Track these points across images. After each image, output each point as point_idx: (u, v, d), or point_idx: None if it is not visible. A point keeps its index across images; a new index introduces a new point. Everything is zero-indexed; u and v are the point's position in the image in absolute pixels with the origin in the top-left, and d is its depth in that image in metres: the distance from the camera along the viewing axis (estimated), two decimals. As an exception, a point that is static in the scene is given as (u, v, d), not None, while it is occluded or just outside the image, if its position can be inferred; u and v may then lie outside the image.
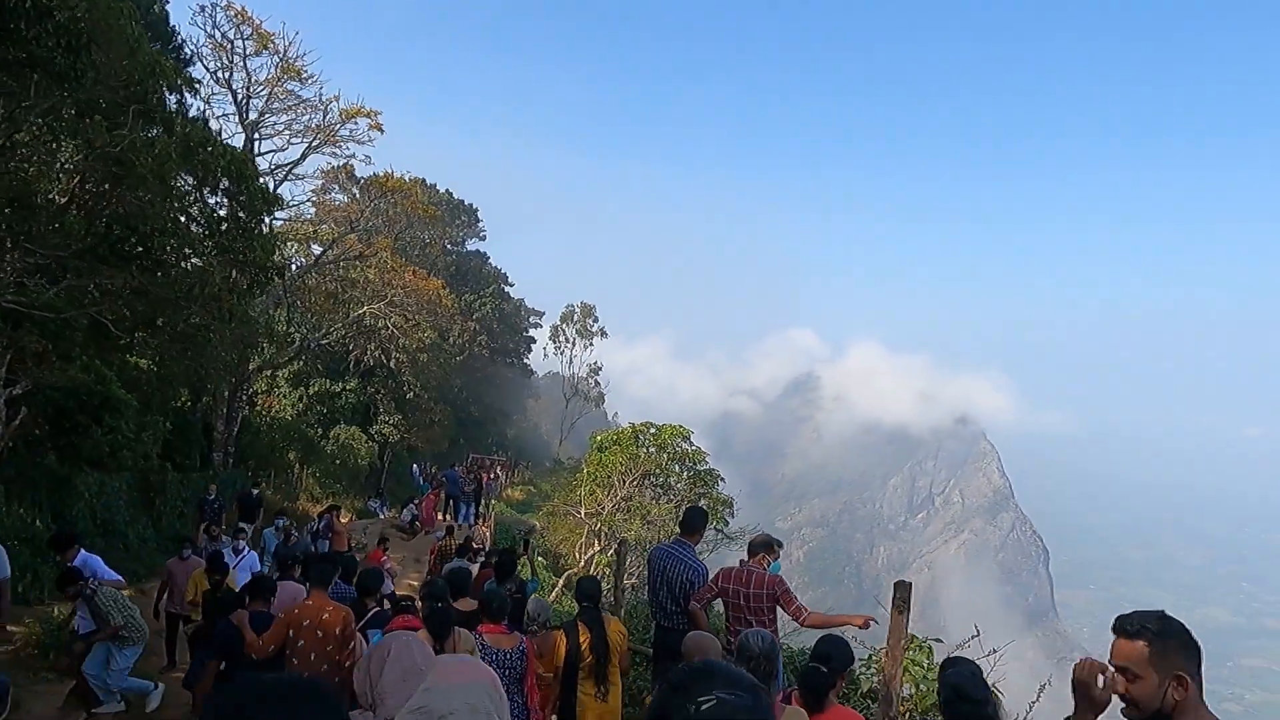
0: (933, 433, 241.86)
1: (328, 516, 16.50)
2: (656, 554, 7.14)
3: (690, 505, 7.98)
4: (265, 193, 12.40)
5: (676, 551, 6.98)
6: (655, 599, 7.06)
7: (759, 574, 6.46)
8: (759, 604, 6.33)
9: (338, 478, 31.87)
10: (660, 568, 6.98)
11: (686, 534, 7.10)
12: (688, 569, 6.81)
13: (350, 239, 27.40)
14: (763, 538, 6.82)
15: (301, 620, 5.88)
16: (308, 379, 35.65)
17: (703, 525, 7.21)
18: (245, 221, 11.90)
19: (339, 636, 5.89)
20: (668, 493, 21.30)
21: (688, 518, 7.21)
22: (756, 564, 6.63)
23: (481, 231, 60.87)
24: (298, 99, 22.62)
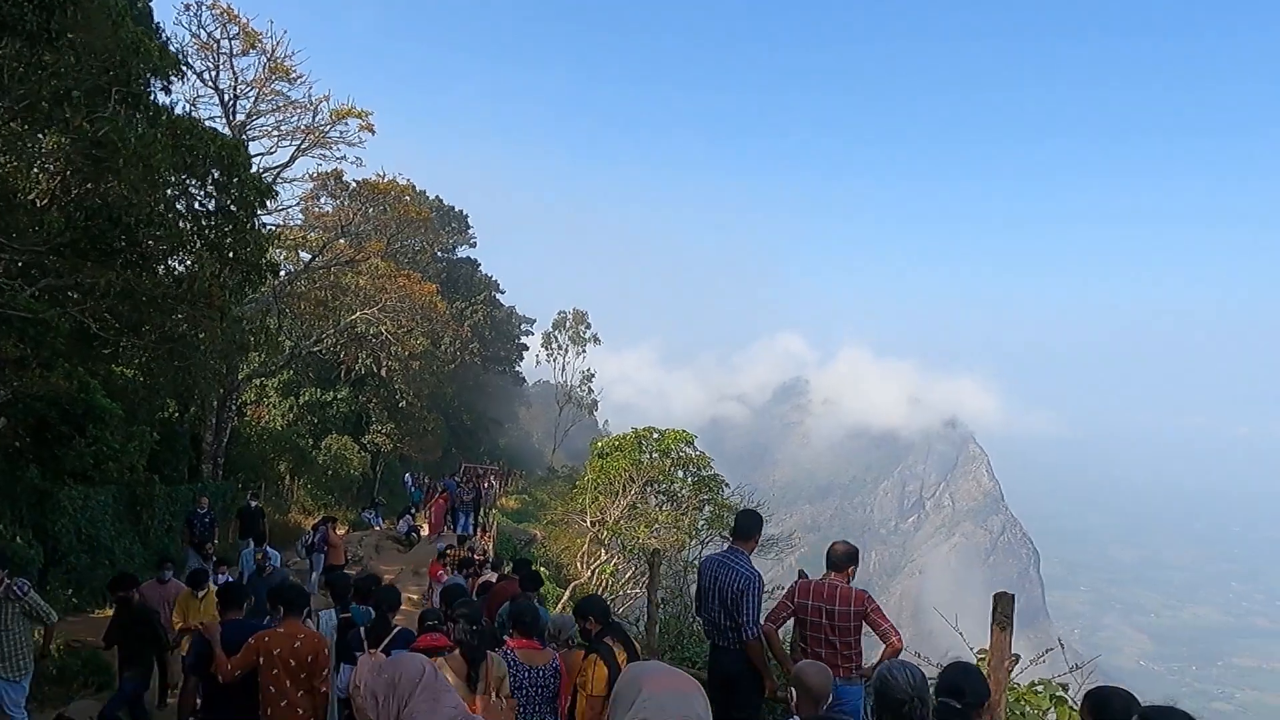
0: (922, 436, 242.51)
1: (323, 529, 15.82)
2: (708, 564, 6.42)
3: (743, 510, 7.28)
4: (258, 183, 11.70)
5: (729, 560, 6.23)
6: (709, 616, 6.29)
7: (844, 589, 5.76)
8: (845, 623, 5.63)
9: (329, 489, 31.18)
10: (712, 579, 6.24)
11: (740, 540, 6.36)
12: (740, 578, 6.06)
13: (340, 244, 26.75)
14: (845, 547, 6.04)
15: (273, 649, 5.77)
16: (298, 388, 34.98)
17: (757, 530, 6.43)
18: (236, 215, 11.20)
19: (312, 664, 5.83)
20: (672, 499, 20.79)
21: (740, 522, 6.50)
22: (839, 578, 5.92)
23: (472, 238, 60.31)
24: (286, 99, 21.99)
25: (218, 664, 5.80)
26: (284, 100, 22.02)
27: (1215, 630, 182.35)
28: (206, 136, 10.79)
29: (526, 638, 5.71)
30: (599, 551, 19.81)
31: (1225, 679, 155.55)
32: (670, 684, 3.21)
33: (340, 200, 26.98)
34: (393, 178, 25.97)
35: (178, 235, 10.39)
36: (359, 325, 28.45)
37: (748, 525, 6.41)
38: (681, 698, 3.11)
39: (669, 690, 3.14)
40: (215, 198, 11.47)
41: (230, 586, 7.15)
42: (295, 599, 6.21)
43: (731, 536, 6.46)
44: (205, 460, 22.37)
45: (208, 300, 10.38)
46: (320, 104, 22.15)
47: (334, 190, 27.80)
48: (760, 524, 6.44)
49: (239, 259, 11.28)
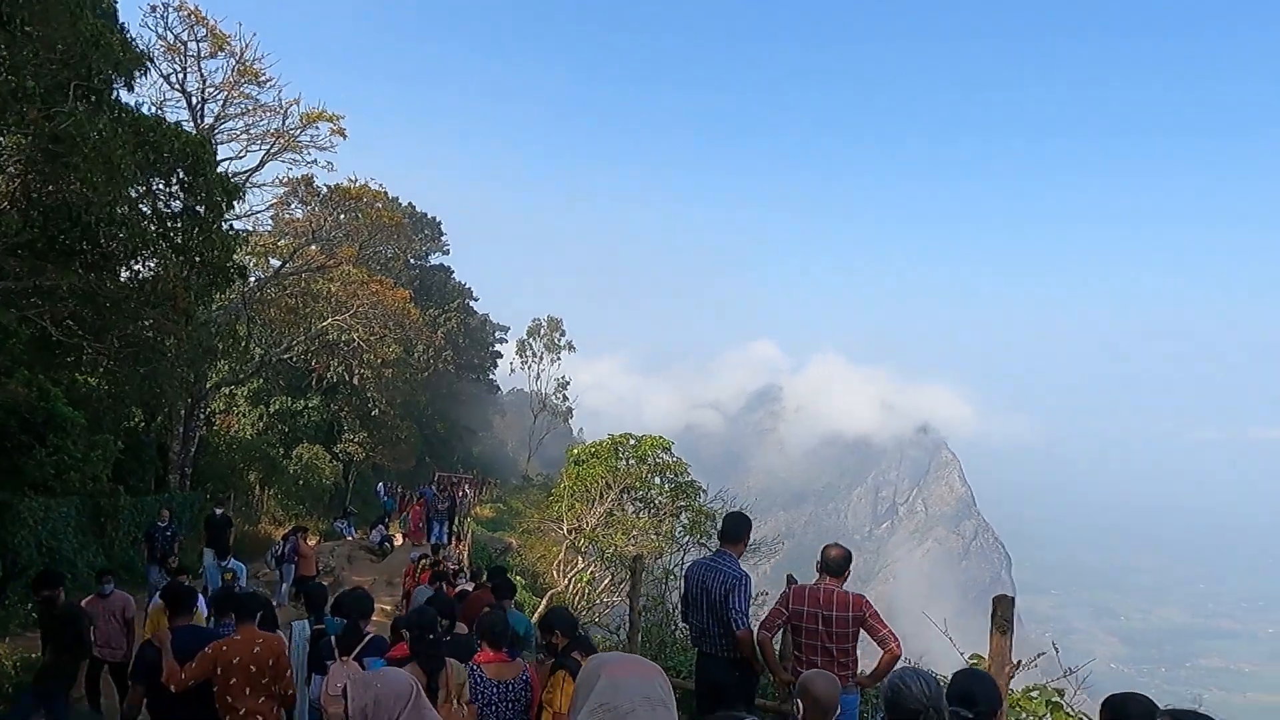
0: (895, 442, 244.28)
1: (293, 539, 15.40)
2: (695, 569, 6.20)
3: (731, 512, 6.67)
4: (225, 183, 11.34)
5: (717, 563, 6.02)
6: (695, 622, 6.05)
7: (840, 594, 5.54)
8: (842, 629, 5.42)
9: (300, 499, 30.69)
10: (699, 583, 6.03)
11: (728, 543, 6.13)
12: (727, 578, 5.86)
13: (311, 250, 26.36)
14: (840, 551, 5.80)
15: (232, 658, 5.65)
16: (268, 397, 34.47)
17: (746, 533, 6.19)
18: (203, 216, 10.85)
19: (273, 668, 5.76)
20: (649, 506, 20.61)
21: (728, 525, 6.26)
22: (834, 582, 5.70)
23: (445, 245, 59.94)
24: (256, 103, 21.66)
25: (168, 673, 5.64)
26: (253, 104, 21.72)
27: (1183, 632, 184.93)
28: (171, 133, 10.45)
29: (496, 650, 5.43)
30: (576, 559, 19.58)
31: (1193, 679, 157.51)
32: (631, 669, 3.25)
33: (311, 206, 26.62)
34: (365, 182, 25.65)
35: (141, 236, 10.00)
36: (330, 332, 28.03)
37: (735, 528, 6.18)
38: (642, 681, 3.16)
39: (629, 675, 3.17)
40: (181, 198, 11.10)
41: (178, 588, 6.77)
42: (246, 605, 6.11)
43: (719, 539, 6.25)
44: (172, 470, 21.91)
45: (173, 303, 10.05)
46: (290, 107, 21.88)
47: (305, 196, 27.44)
48: (748, 527, 6.22)
49: (205, 261, 10.92)
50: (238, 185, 13.44)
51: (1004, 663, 4.70)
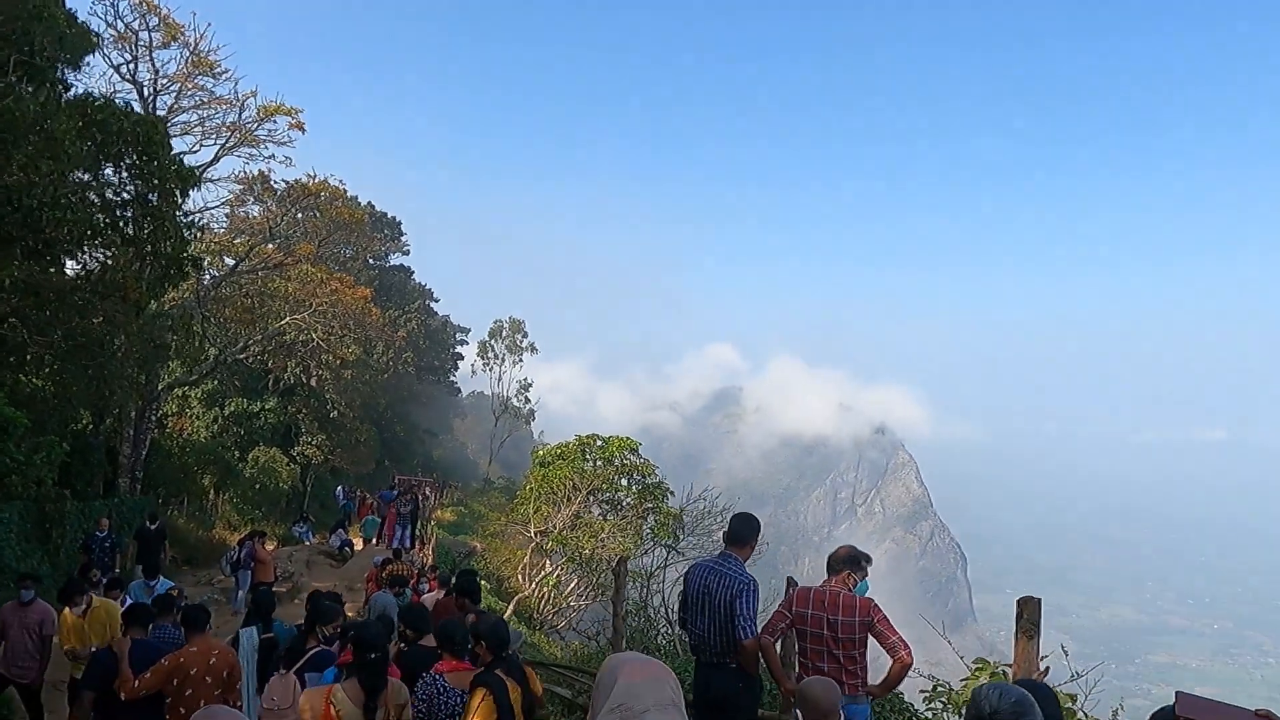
0: (853, 444, 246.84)
1: (249, 544, 14.84)
2: (697, 572, 5.77)
3: (738, 513, 6.20)
4: (180, 169, 10.75)
5: (721, 566, 5.58)
6: (696, 629, 5.63)
7: (847, 596, 5.23)
8: (849, 635, 5.12)
9: (257, 503, 29.91)
10: (700, 588, 5.59)
11: (734, 546, 5.69)
12: (734, 583, 5.41)
13: (268, 249, 25.65)
14: (847, 550, 5.53)
15: (189, 668, 5.70)
16: (223, 399, 33.55)
17: (754, 535, 5.74)
18: (156, 205, 10.25)
19: (226, 679, 5.83)
20: (616, 508, 20.35)
21: (735, 527, 5.79)
22: (839, 584, 5.36)
23: (405, 246, 59.07)
24: (211, 95, 21.00)
25: (122, 681, 5.67)
26: (208, 96, 21.05)
27: (1132, 629, 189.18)
28: (120, 114, 9.86)
29: (457, 659, 5.24)
30: (543, 563, 19.24)
31: (1142, 676, 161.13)
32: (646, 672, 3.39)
33: (267, 204, 25.88)
34: (324, 179, 25.02)
35: (88, 224, 9.37)
36: (288, 332, 27.28)
37: (743, 529, 5.75)
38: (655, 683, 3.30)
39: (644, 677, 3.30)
40: (132, 185, 10.48)
41: (136, 607, 6.91)
42: (196, 617, 6.15)
43: (725, 541, 5.80)
44: (122, 474, 21.15)
45: (122, 294, 9.47)
46: (247, 100, 21.19)
47: (260, 194, 26.71)
48: (757, 528, 5.79)
49: (158, 253, 10.33)
50: (192, 171, 12.73)
51: (1031, 669, 4.44)
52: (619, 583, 7.41)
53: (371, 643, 5.01)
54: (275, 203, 25.55)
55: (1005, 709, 2.78)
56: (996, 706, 2.78)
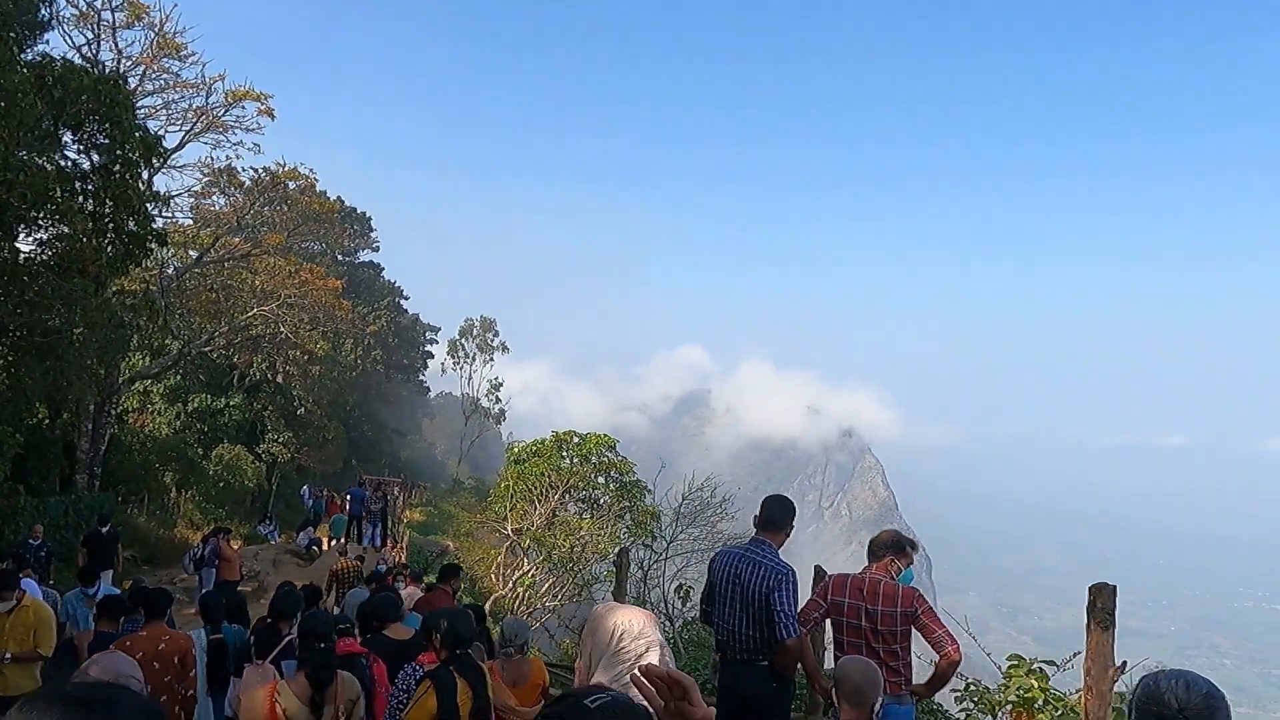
0: (821, 447, 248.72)
1: (214, 541, 14.15)
2: (724, 560, 5.12)
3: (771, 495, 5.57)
4: (145, 135, 10.05)
5: (754, 553, 4.95)
6: (726, 622, 5.00)
7: (889, 585, 4.74)
8: (889, 627, 4.64)
9: (220, 501, 29.12)
10: (729, 577, 4.98)
11: (769, 531, 5.05)
12: (770, 573, 4.80)
13: (234, 241, 24.88)
14: (891, 535, 5.04)
15: (134, 653, 5.27)
16: (186, 394, 32.64)
17: (789, 520, 5.10)
18: (119, 176, 9.54)
19: (177, 666, 5.69)
20: (593, 506, 19.94)
21: (769, 510, 5.13)
22: (881, 571, 4.88)
23: (375, 242, 57.99)
24: (176, 79, 20.29)
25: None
26: (174, 79, 20.33)
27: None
28: (79, 70, 9.19)
29: None
30: (518, 562, 18.79)
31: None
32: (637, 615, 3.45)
33: (234, 196, 25.07)
34: (293, 167, 24.28)
35: (43, 194, 8.64)
36: (255, 325, 26.47)
37: (777, 513, 5.10)
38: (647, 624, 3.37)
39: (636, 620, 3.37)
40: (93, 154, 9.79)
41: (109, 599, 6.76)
42: (157, 602, 6.08)
43: (758, 526, 5.13)
44: (80, 470, 20.38)
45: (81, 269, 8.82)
46: (215, 84, 20.47)
47: (226, 188, 25.95)
48: (793, 512, 5.15)
49: (120, 228, 9.65)
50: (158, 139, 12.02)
51: (1107, 664, 4.03)
52: (620, 576, 6.93)
53: (319, 632, 4.68)
54: (243, 194, 24.75)
55: (1195, 702, 2.27)
56: (1186, 701, 2.27)
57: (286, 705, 4.32)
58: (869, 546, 5.07)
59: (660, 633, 3.35)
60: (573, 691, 1.51)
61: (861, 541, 28.15)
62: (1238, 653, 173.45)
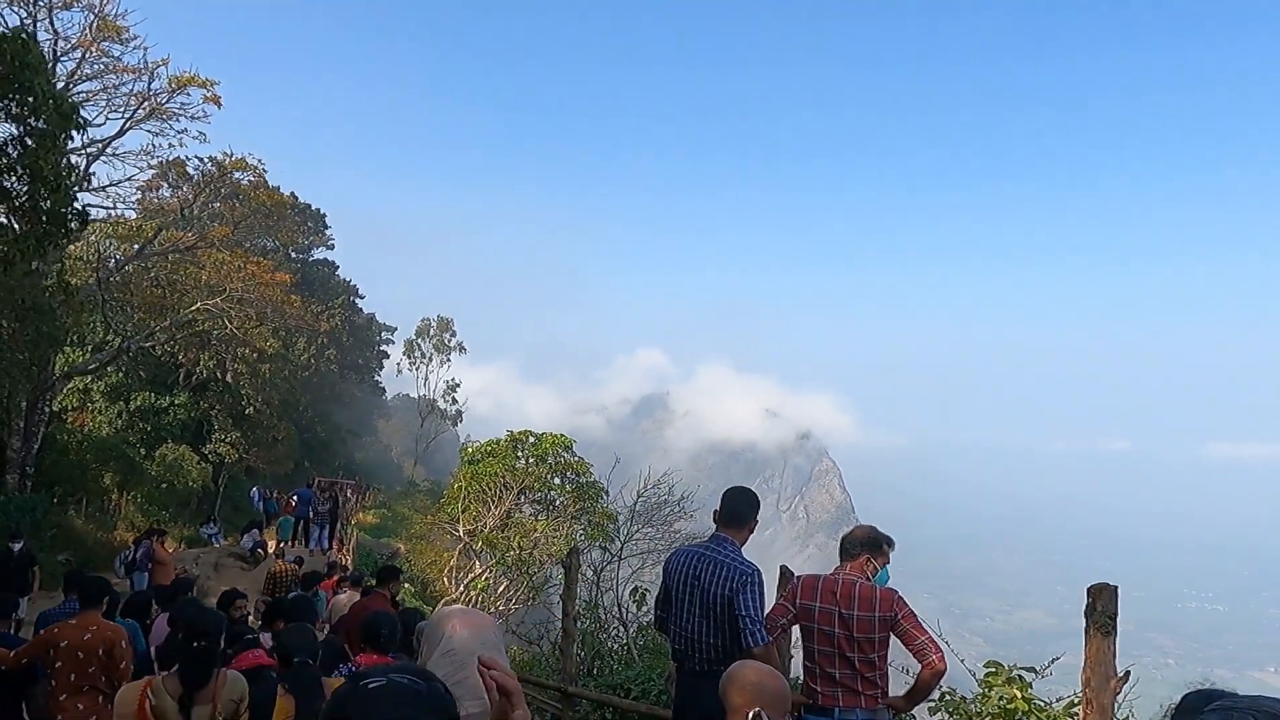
0: (779, 449, 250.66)
1: (146, 543, 13.48)
2: (681, 559, 4.62)
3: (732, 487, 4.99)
4: (61, 104, 9.19)
5: (714, 552, 4.47)
6: (683, 629, 4.51)
7: (865, 586, 4.30)
8: (866, 634, 4.19)
9: (164, 503, 28.17)
10: (687, 578, 4.49)
11: (730, 527, 4.57)
12: (733, 573, 4.34)
13: (180, 234, 23.96)
14: (865, 531, 4.60)
15: (60, 640, 5.47)
16: (129, 392, 31.54)
17: (752, 514, 4.65)
18: (31, 148, 8.75)
19: (103, 658, 5.46)
20: (548, 508, 19.53)
21: (730, 503, 4.64)
22: (855, 571, 4.41)
23: (329, 240, 56.84)
24: (117, 63, 19.44)
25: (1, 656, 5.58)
26: (114, 63, 19.48)
27: (1043, 632, 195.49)
28: None
29: (381, 654, 4.92)
30: (471, 565, 18.31)
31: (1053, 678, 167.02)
32: (472, 622, 3.36)
33: (181, 189, 24.13)
34: (241, 157, 23.45)
35: None
36: (199, 321, 25.54)
37: (740, 507, 4.61)
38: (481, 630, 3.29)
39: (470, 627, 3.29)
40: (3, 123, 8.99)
41: None
42: (92, 590, 5.95)
43: (718, 521, 4.62)
44: (10, 470, 19.47)
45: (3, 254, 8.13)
46: (158, 69, 19.64)
47: (175, 181, 25.04)
48: (757, 506, 4.69)
49: (36, 208, 8.92)
50: (75, 107, 11.22)
51: (1108, 674, 3.64)
52: (570, 577, 6.45)
53: (200, 630, 4.35)
54: (190, 187, 23.86)
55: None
56: None
57: (158, 702, 4.12)
58: (842, 544, 4.61)
59: (495, 632, 3.34)
60: (357, 674, 1.51)
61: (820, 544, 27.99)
62: (1181, 652, 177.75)
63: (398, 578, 7.17)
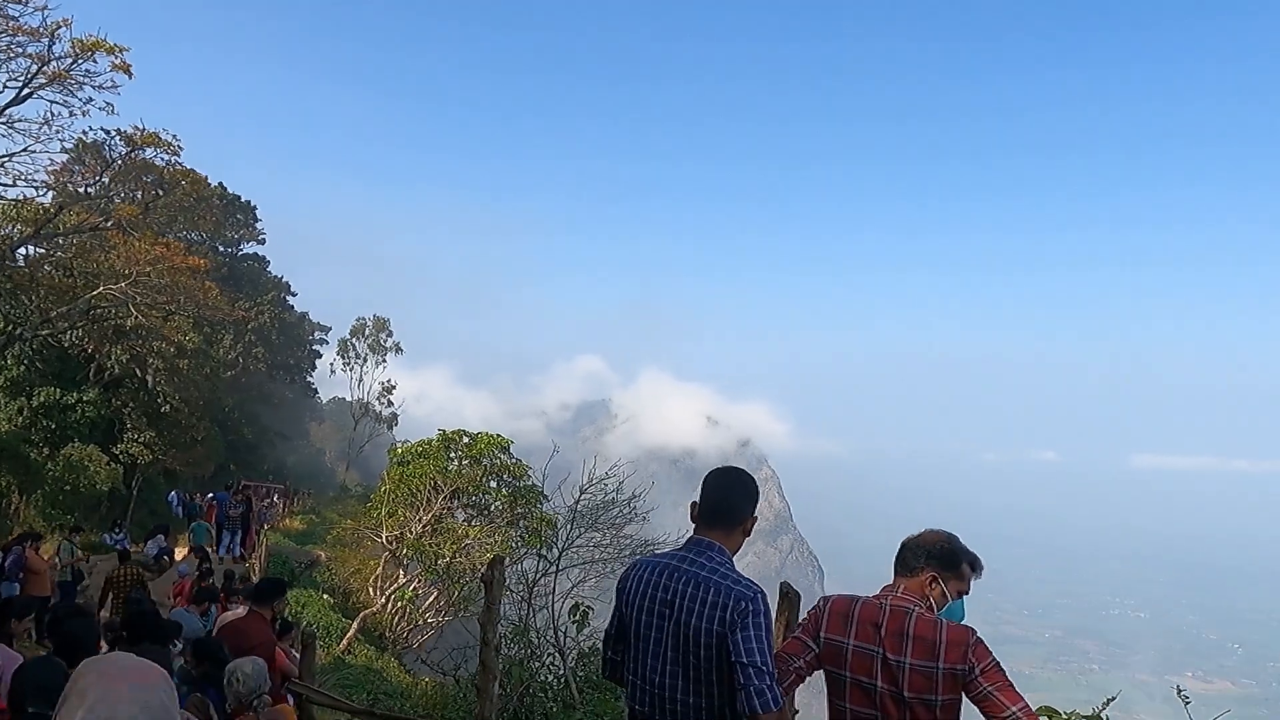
0: (719, 456, 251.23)
1: (16, 550, 11.82)
2: (641, 575, 3.07)
3: (719, 469, 3.12)
4: None
5: (695, 565, 2.95)
6: (644, 681, 2.98)
7: (924, 619, 2.88)
8: (922, 691, 2.78)
9: (69, 507, 26.23)
10: (654, 604, 2.97)
11: (716, 527, 3.06)
12: (727, 597, 2.83)
13: (86, 215, 22.14)
14: (938, 538, 3.18)
15: None
16: (31, 387, 29.34)
17: (750, 506, 3.11)
18: None
19: None
20: (483, 512, 18.34)
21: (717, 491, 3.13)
22: (913, 594, 3.01)
23: (260, 234, 54.66)
24: (14, 23, 17.64)
25: None
26: (11, 24, 17.69)
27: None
28: None
29: None
30: (398, 574, 17.03)
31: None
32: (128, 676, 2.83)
33: (87, 161, 22.27)
34: (153, 132, 21.65)
35: None
36: (99, 306, 23.48)
37: (732, 496, 3.10)
38: (141, 688, 2.78)
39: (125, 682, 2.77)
40: None
41: None
42: None
43: (702, 518, 3.10)
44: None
45: None
46: (59, 30, 17.86)
47: (93, 166, 23.19)
48: (755, 496, 3.16)
49: None
50: None
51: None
52: (491, 594, 5.00)
53: None
54: (98, 161, 22.02)
55: None
56: None
57: None
58: (899, 552, 3.20)
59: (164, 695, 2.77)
60: None
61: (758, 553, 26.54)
62: (1104, 658, 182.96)
63: (282, 595, 5.99)
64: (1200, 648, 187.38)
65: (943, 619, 2.94)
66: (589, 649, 7.74)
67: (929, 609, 2.97)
